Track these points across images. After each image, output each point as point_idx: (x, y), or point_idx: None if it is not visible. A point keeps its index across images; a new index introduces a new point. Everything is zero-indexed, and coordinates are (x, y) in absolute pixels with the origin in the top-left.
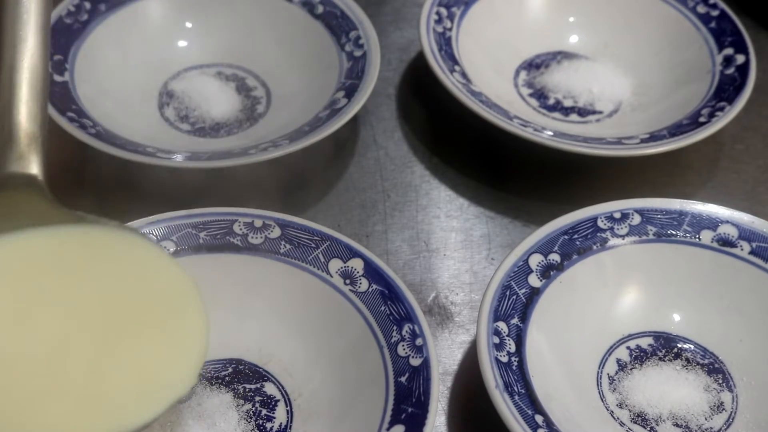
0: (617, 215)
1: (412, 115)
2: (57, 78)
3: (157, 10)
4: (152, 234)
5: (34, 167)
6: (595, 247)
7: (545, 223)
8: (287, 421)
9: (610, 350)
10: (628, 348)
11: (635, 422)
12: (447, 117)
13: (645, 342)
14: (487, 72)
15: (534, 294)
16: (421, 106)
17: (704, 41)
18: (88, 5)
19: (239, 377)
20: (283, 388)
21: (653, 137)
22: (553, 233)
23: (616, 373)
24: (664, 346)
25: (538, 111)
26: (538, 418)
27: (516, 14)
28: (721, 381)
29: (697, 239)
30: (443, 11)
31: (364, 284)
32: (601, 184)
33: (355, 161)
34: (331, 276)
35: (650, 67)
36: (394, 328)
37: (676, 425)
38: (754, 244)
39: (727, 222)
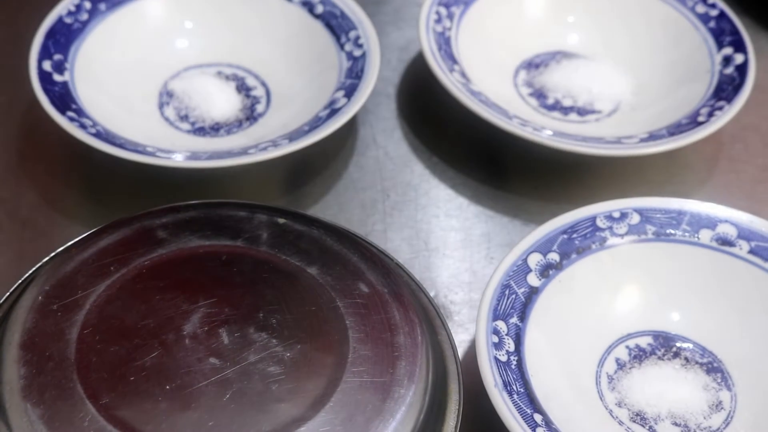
0: (616, 214)
1: (412, 114)
2: (57, 78)
3: (157, 10)
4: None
5: None
6: (594, 246)
7: (544, 222)
8: None
9: (609, 349)
10: (627, 347)
11: (634, 421)
12: (447, 117)
13: (644, 341)
14: (486, 71)
15: (533, 293)
16: (421, 106)
17: (703, 41)
18: (88, 5)
19: None
20: None
21: (652, 137)
22: (553, 232)
23: (615, 372)
24: (663, 345)
25: (537, 110)
26: (537, 417)
27: (516, 14)
28: (719, 380)
29: (696, 238)
30: (443, 11)
31: None
32: (600, 183)
33: (355, 160)
34: None
35: (649, 66)
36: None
37: (675, 424)
38: (753, 244)
39: (726, 221)
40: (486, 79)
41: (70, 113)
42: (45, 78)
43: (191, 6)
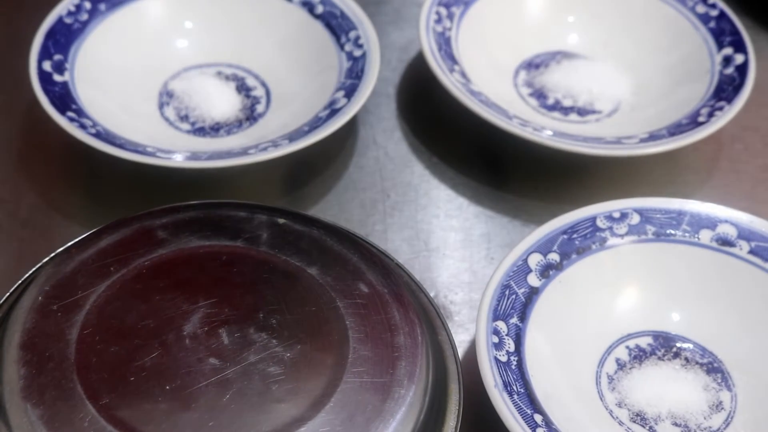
0: (616, 215)
1: (412, 115)
2: (57, 78)
3: (157, 10)
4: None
5: None
6: (594, 246)
7: (544, 222)
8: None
9: (609, 350)
10: (627, 347)
11: (634, 421)
12: (447, 117)
13: (644, 341)
14: (486, 72)
15: (533, 293)
16: (421, 106)
17: (703, 41)
18: (88, 5)
19: None
20: None
21: (652, 137)
22: (553, 233)
23: (615, 372)
24: (663, 346)
25: (537, 111)
26: (537, 418)
27: (516, 14)
28: (719, 380)
29: (696, 239)
30: (443, 11)
31: None
32: (600, 183)
33: (355, 161)
34: None
35: (649, 66)
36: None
37: (675, 424)
38: (753, 244)
39: (726, 221)
40: (486, 79)
41: (70, 113)
42: (45, 78)
43: (191, 6)
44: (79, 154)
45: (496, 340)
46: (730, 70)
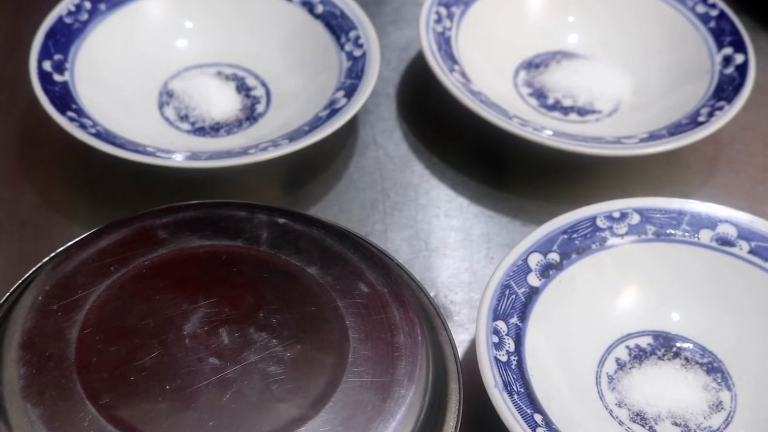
0: (616, 214)
1: (411, 114)
2: (57, 78)
3: (157, 10)
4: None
5: None
6: (594, 246)
7: (544, 222)
8: None
9: (609, 349)
10: (627, 347)
11: (634, 421)
12: (447, 117)
13: (644, 341)
14: (486, 71)
15: (533, 293)
16: (421, 106)
17: (703, 41)
18: (88, 5)
19: None
20: None
21: (652, 137)
22: (553, 232)
23: (615, 372)
24: (663, 345)
25: (537, 110)
26: (537, 417)
27: (515, 14)
28: (720, 380)
29: (696, 238)
30: (443, 11)
31: None
32: (600, 183)
33: (355, 161)
34: None
35: (649, 66)
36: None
37: (675, 424)
38: (753, 244)
39: (726, 221)
40: (486, 79)
41: (70, 113)
42: (45, 78)
43: (191, 6)
44: (79, 154)
45: (496, 339)
46: (730, 70)
